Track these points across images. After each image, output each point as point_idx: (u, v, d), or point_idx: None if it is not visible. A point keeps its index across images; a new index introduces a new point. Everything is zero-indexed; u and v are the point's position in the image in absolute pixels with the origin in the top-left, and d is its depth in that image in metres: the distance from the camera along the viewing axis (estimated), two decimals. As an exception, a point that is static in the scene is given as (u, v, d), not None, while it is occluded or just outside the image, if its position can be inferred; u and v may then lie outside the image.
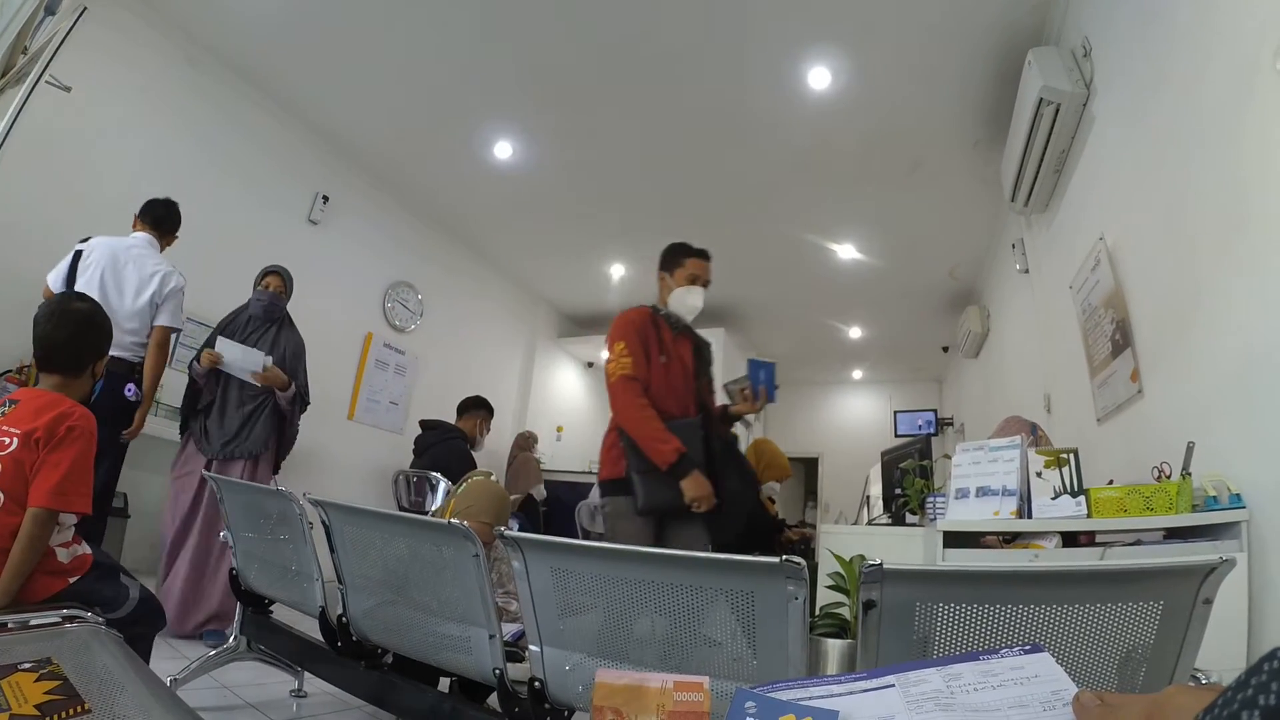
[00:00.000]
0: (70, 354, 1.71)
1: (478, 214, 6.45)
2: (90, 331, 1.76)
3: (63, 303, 1.76)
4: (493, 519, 2.25)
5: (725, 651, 1.15)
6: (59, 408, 1.58)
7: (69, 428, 1.55)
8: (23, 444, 1.49)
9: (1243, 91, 1.97)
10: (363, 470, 5.67)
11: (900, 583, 1.01)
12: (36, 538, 1.44)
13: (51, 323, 1.68)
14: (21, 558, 1.41)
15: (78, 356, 1.72)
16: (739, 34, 3.87)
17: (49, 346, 1.69)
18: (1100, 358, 3.03)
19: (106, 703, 0.97)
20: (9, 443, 1.49)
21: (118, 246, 3.09)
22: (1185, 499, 1.97)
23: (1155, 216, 2.55)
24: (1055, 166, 3.57)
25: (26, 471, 1.49)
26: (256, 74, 4.69)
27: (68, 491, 1.50)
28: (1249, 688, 0.34)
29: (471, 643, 1.51)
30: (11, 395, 1.63)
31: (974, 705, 0.55)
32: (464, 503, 2.32)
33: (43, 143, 3.65)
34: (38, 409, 1.55)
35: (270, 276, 3.46)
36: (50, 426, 1.52)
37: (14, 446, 1.49)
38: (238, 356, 3.20)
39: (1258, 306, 1.89)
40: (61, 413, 1.56)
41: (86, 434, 1.59)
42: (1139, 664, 0.98)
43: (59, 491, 1.48)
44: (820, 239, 6.09)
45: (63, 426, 1.54)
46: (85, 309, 1.76)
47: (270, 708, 2.33)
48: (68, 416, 1.56)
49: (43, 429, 1.51)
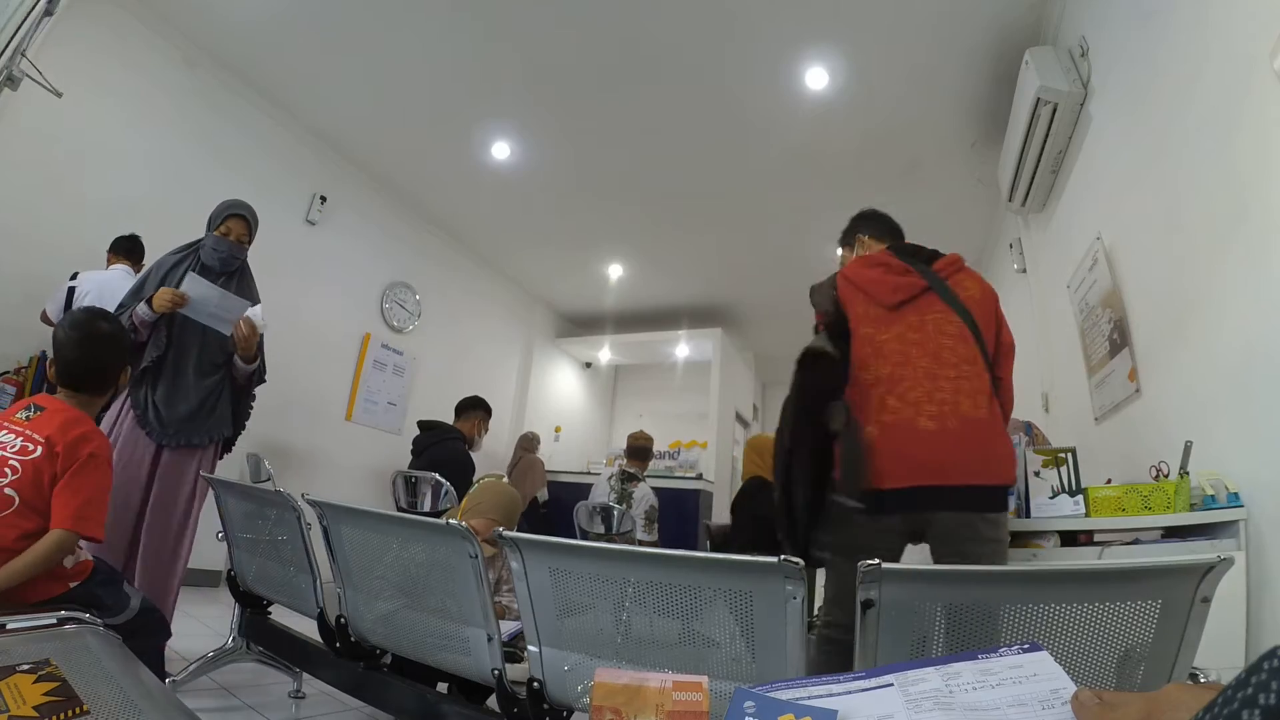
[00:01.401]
0: (98, 377, 1.76)
1: (476, 214, 6.45)
2: (117, 352, 1.81)
3: (88, 325, 1.76)
4: (500, 516, 2.25)
5: (724, 651, 1.15)
6: (82, 427, 1.62)
7: (91, 454, 1.59)
8: (46, 453, 1.53)
9: (1240, 90, 1.97)
10: (361, 471, 5.67)
11: (899, 582, 1.02)
12: (51, 557, 1.47)
13: (81, 349, 1.72)
14: (27, 566, 1.43)
15: (104, 378, 1.78)
16: (737, 35, 3.87)
17: (79, 371, 1.72)
18: (1098, 357, 3.04)
19: (105, 704, 0.96)
20: (33, 449, 1.53)
21: (104, 280, 3.31)
22: (1183, 498, 1.98)
23: (1153, 216, 2.55)
24: (1052, 166, 3.58)
25: (44, 481, 1.52)
26: (254, 75, 4.68)
27: (89, 517, 1.54)
28: (1249, 686, 0.34)
29: (470, 643, 1.51)
30: (36, 400, 1.66)
31: (973, 704, 0.55)
32: (473, 501, 2.33)
33: (40, 145, 3.65)
34: (64, 423, 1.59)
35: (233, 220, 2.65)
36: (72, 445, 1.56)
37: (38, 454, 1.53)
38: (212, 301, 2.46)
39: (1255, 305, 1.89)
40: (84, 434, 1.61)
41: (105, 462, 1.64)
42: (1137, 662, 0.98)
43: (81, 516, 1.52)
44: (817, 238, 6.08)
45: (85, 450, 1.58)
46: (109, 330, 1.79)
47: (269, 709, 2.32)
48: (89, 440, 1.61)
49: (64, 446, 1.55)
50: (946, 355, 1.82)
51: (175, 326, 2.48)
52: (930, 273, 1.98)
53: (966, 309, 1.91)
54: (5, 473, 1.48)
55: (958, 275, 2.00)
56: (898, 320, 1.90)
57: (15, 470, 1.49)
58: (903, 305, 1.92)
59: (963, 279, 2.00)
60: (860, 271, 2.03)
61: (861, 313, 1.94)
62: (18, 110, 3.40)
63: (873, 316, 1.92)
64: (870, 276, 1.99)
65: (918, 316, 1.89)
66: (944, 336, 1.86)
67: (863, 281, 1.99)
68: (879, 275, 1.98)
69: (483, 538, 2.13)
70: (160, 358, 2.45)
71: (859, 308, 1.95)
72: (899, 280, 1.95)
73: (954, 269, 2.02)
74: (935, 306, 1.91)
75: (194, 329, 2.49)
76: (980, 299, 1.97)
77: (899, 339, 1.88)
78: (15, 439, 1.54)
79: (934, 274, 1.98)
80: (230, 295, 2.51)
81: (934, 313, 1.90)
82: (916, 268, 1.98)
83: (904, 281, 1.95)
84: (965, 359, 1.83)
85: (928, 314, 1.90)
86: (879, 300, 1.94)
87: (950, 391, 1.78)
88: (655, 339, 8.61)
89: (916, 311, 1.90)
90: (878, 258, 2.05)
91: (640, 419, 10.04)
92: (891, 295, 1.93)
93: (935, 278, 1.96)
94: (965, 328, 1.88)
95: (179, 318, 2.46)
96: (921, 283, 1.94)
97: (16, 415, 1.60)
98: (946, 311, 1.90)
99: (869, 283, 1.97)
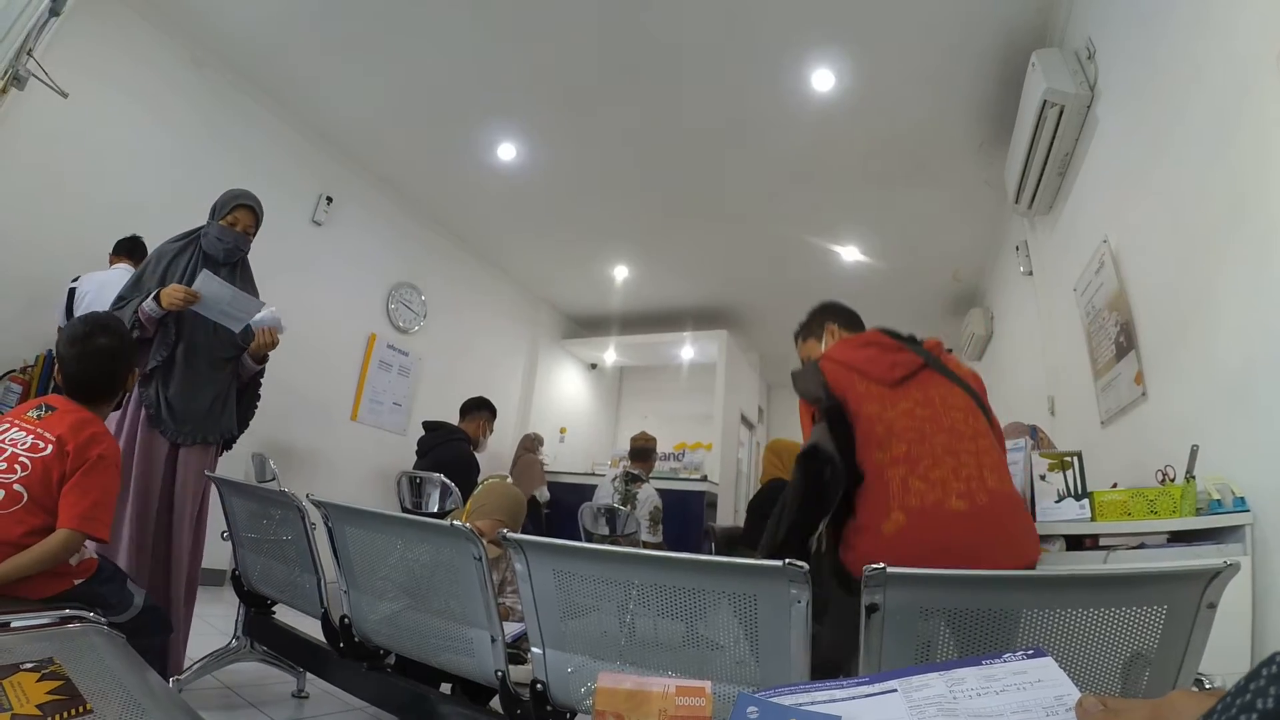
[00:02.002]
0: (106, 389, 1.78)
1: (481, 215, 6.46)
2: (120, 364, 1.80)
3: (88, 339, 1.74)
4: (505, 517, 2.26)
5: (728, 655, 1.14)
6: (93, 428, 1.64)
7: (100, 455, 1.60)
8: (57, 451, 1.55)
9: (1245, 92, 1.96)
10: (365, 471, 5.68)
11: (904, 586, 1.01)
12: (56, 556, 1.48)
13: (82, 364, 1.72)
14: (32, 563, 1.44)
15: (110, 388, 1.79)
16: (743, 37, 3.87)
17: (80, 383, 1.73)
18: (1104, 360, 3.03)
19: (108, 703, 0.97)
20: (44, 447, 1.55)
21: (104, 280, 3.29)
22: (1189, 502, 1.97)
23: (1159, 218, 2.54)
24: (1059, 169, 3.56)
25: (53, 479, 1.53)
26: (260, 75, 4.70)
27: (97, 518, 1.55)
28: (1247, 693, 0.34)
29: (473, 644, 1.51)
30: (47, 400, 1.68)
31: (977, 710, 0.55)
32: (478, 502, 2.34)
33: (46, 145, 3.66)
34: (75, 424, 1.61)
35: (241, 211, 2.59)
36: (83, 446, 1.58)
37: (48, 452, 1.54)
38: (225, 299, 2.41)
39: (1262, 309, 1.88)
40: (95, 434, 1.63)
41: (114, 465, 1.65)
42: (1143, 668, 0.98)
43: (89, 517, 1.53)
44: (823, 240, 6.09)
45: (95, 451, 1.60)
46: (109, 345, 1.77)
47: (272, 708, 2.33)
48: (99, 442, 1.62)
49: (74, 446, 1.57)
50: (961, 428, 1.74)
51: (185, 322, 2.41)
52: (924, 350, 1.90)
53: (966, 383, 1.85)
54: (15, 469, 1.50)
55: (946, 355, 1.94)
56: (903, 397, 1.79)
57: (25, 467, 1.51)
58: (905, 381, 1.81)
59: (951, 358, 1.94)
60: (851, 353, 1.92)
61: (862, 392, 1.80)
62: (24, 110, 3.41)
63: (875, 395, 1.80)
64: (864, 356, 1.88)
65: (922, 392, 1.79)
66: (953, 410, 1.76)
67: (857, 361, 1.87)
68: (874, 354, 1.88)
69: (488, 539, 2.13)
70: (170, 355, 2.39)
71: (857, 388, 1.82)
72: (896, 357, 1.86)
73: (941, 349, 1.95)
74: (936, 382, 1.82)
75: (204, 323, 2.44)
76: (972, 376, 1.90)
77: (909, 415, 1.76)
78: (27, 437, 1.56)
79: (927, 351, 1.90)
80: (243, 294, 2.45)
81: (937, 388, 1.81)
82: (909, 345, 1.90)
83: (902, 358, 1.85)
84: (979, 432, 1.75)
85: (931, 389, 1.80)
86: (878, 378, 1.82)
87: (974, 466, 1.68)
88: (660, 340, 8.61)
89: (920, 387, 1.81)
90: (867, 337, 1.97)
91: (645, 420, 10.05)
92: (891, 372, 1.82)
93: (929, 354, 1.88)
94: (970, 400, 1.80)
95: (188, 312, 2.39)
96: (918, 359, 1.85)
97: (28, 414, 1.62)
98: (949, 386, 1.82)
99: (864, 362, 1.86)
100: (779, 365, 9.96)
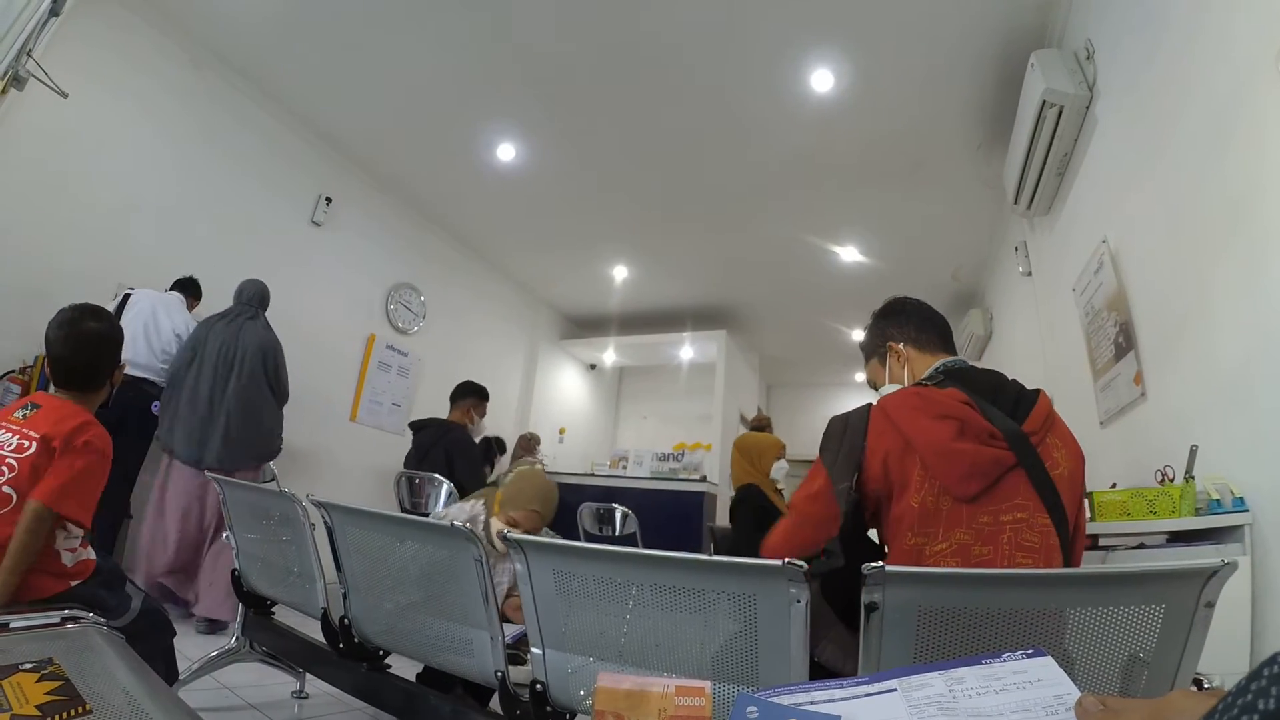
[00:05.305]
0: (89, 375, 1.75)
1: (481, 216, 6.46)
2: (107, 350, 1.79)
3: (76, 324, 1.73)
4: (540, 506, 2.19)
5: (727, 655, 1.14)
6: (80, 418, 1.62)
7: (86, 441, 1.59)
8: (41, 450, 1.53)
9: (1245, 92, 1.96)
10: (365, 472, 5.68)
11: (903, 585, 1.01)
12: (31, 531, 1.45)
13: (69, 346, 1.71)
14: (17, 550, 1.42)
15: (96, 376, 1.76)
16: (742, 37, 3.87)
17: (68, 369, 1.71)
18: (1103, 360, 3.03)
19: (108, 704, 0.97)
20: (28, 446, 1.53)
21: (162, 300, 3.68)
22: (1188, 502, 1.97)
23: (1158, 219, 2.55)
24: (1058, 169, 3.57)
25: (42, 477, 1.52)
26: (260, 76, 4.69)
27: (69, 495, 1.52)
28: (1248, 693, 0.34)
29: (473, 645, 1.51)
30: (33, 398, 1.67)
31: (976, 710, 0.55)
32: (510, 491, 2.25)
33: (46, 145, 3.66)
34: (60, 418, 1.59)
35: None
36: (69, 436, 1.56)
37: (32, 450, 1.53)
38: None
39: (1261, 309, 1.88)
40: (82, 423, 1.61)
41: (100, 452, 1.63)
42: (1141, 668, 0.98)
43: (61, 493, 1.50)
44: (822, 241, 6.09)
45: (81, 439, 1.58)
46: (98, 329, 1.76)
47: (272, 709, 2.33)
48: (86, 430, 1.61)
49: (61, 438, 1.55)
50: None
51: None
52: (1020, 437, 1.30)
53: (1058, 497, 1.27)
54: (3, 471, 1.48)
55: (1050, 437, 1.35)
56: (963, 522, 1.25)
57: (12, 469, 1.49)
58: (979, 497, 1.26)
59: (1054, 444, 1.35)
60: (917, 422, 1.32)
61: (911, 505, 1.27)
62: (24, 111, 3.41)
63: (927, 512, 1.26)
64: (937, 436, 1.29)
65: (991, 517, 1.24)
66: (1020, 553, 1.23)
67: (922, 442, 1.29)
68: (949, 436, 1.29)
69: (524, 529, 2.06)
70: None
71: (911, 491, 1.28)
72: (981, 452, 1.27)
73: (1047, 425, 1.36)
74: (1019, 498, 1.26)
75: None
76: (1070, 476, 1.32)
77: (958, 555, 1.23)
78: (12, 438, 1.54)
79: (1024, 439, 1.31)
80: None
81: (1014, 510, 1.25)
82: (1002, 427, 1.30)
83: (988, 456, 1.27)
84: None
85: (1005, 513, 1.25)
86: (947, 485, 1.26)
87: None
88: (660, 341, 8.60)
89: (991, 507, 1.25)
90: (946, 404, 1.34)
91: (645, 420, 10.06)
92: (967, 481, 1.26)
93: (1026, 445, 1.30)
94: (1051, 533, 1.25)
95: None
96: (1010, 457, 1.28)
97: (14, 414, 1.61)
98: (1032, 509, 1.26)
99: (933, 448, 1.28)
100: (778, 365, 9.97)
